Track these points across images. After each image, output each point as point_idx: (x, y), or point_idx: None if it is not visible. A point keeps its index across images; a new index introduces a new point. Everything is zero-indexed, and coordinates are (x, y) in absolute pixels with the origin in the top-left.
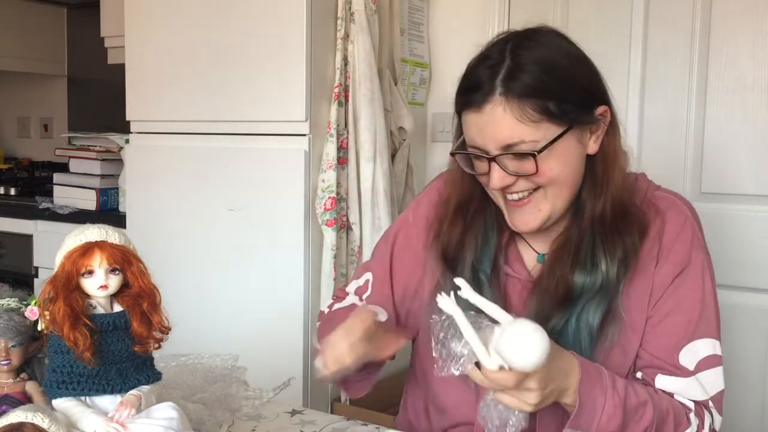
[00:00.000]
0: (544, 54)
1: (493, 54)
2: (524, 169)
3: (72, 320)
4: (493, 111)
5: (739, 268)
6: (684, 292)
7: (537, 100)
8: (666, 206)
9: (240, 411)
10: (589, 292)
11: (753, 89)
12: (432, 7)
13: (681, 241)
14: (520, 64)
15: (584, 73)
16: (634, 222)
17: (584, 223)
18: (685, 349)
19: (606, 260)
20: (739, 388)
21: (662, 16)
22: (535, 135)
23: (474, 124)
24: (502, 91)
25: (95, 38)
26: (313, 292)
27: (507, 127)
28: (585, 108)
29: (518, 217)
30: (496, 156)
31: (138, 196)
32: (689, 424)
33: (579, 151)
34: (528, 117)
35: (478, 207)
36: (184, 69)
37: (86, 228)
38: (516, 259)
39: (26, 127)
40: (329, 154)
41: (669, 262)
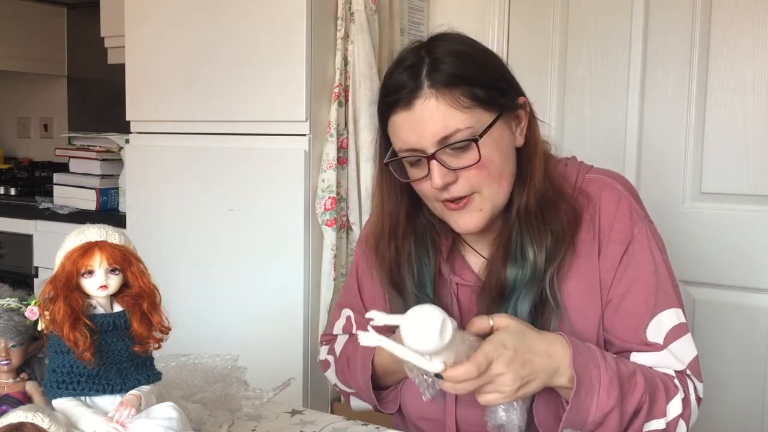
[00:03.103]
0: (457, 48)
1: (408, 57)
2: (465, 161)
3: (72, 320)
4: (425, 104)
5: (739, 268)
6: (635, 270)
7: (465, 87)
8: (597, 188)
9: (240, 411)
10: (520, 285)
11: (753, 89)
12: (432, 7)
13: (619, 218)
14: (438, 59)
15: (499, 64)
16: (561, 208)
17: (512, 217)
18: (650, 325)
19: (534, 250)
20: (739, 388)
21: (662, 17)
22: (469, 122)
23: (406, 123)
24: (430, 84)
25: (95, 38)
26: (313, 292)
27: (441, 117)
28: (508, 95)
29: (461, 219)
30: (435, 152)
31: (138, 196)
32: (677, 390)
33: (510, 141)
34: (460, 103)
35: (406, 228)
36: (184, 69)
37: (86, 228)
38: (463, 267)
39: (26, 127)
40: (329, 154)
41: (612, 242)
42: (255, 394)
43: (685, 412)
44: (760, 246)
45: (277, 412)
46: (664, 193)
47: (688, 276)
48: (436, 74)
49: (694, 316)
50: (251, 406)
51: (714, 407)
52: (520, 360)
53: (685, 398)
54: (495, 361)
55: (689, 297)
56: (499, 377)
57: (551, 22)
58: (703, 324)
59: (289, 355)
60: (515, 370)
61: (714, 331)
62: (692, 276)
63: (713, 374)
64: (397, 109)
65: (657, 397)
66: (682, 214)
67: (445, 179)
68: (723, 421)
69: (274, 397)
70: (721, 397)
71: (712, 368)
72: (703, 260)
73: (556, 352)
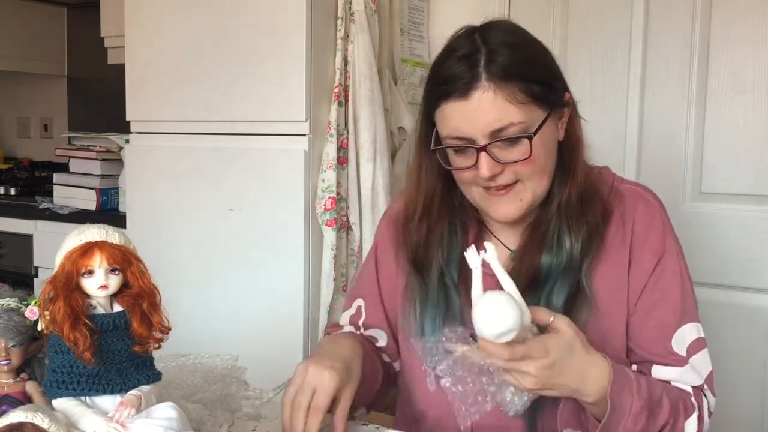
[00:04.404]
0: (511, 39)
1: (462, 46)
2: (514, 155)
3: (72, 320)
4: (482, 96)
5: (739, 268)
6: (666, 281)
7: (521, 83)
8: (633, 197)
9: (240, 411)
10: (555, 272)
11: (753, 89)
12: (432, 7)
13: (654, 228)
14: (495, 50)
15: (550, 58)
16: (597, 204)
17: (551, 209)
18: (674, 336)
19: (570, 239)
20: (739, 388)
21: (662, 17)
22: (523, 117)
23: (459, 112)
24: (488, 76)
25: (95, 38)
26: (313, 292)
27: (497, 110)
28: (558, 92)
29: (501, 207)
30: (486, 145)
31: (138, 196)
32: (694, 408)
33: (555, 136)
34: (517, 99)
35: (440, 208)
36: (184, 69)
37: (86, 228)
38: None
39: (26, 127)
40: (329, 154)
41: (647, 251)
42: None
43: (699, 429)
44: (760, 246)
45: (277, 412)
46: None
47: None
48: (493, 66)
49: None
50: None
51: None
52: (553, 372)
53: (700, 416)
54: (530, 360)
55: None
56: (525, 375)
57: (551, 22)
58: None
59: (289, 355)
60: (543, 378)
61: (714, 331)
62: (692, 276)
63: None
64: (452, 98)
65: (678, 419)
66: (682, 214)
67: (493, 170)
68: (723, 421)
69: (274, 397)
70: (721, 397)
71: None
72: (703, 260)
73: (590, 377)
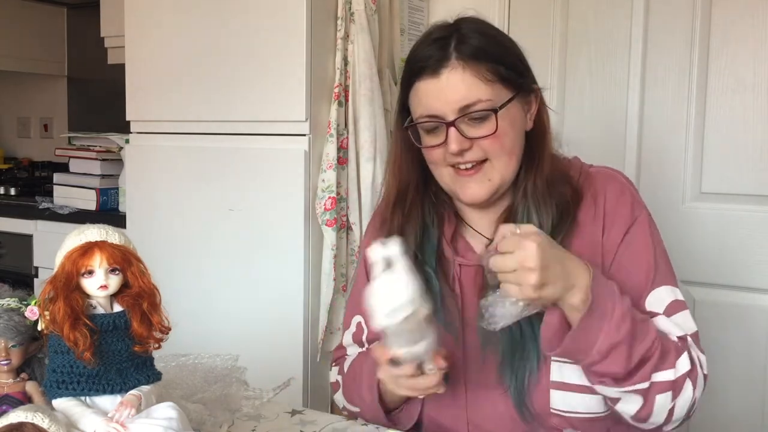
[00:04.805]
0: (483, 28)
1: (436, 32)
2: (482, 131)
3: (72, 320)
4: (451, 73)
5: (739, 268)
6: (635, 247)
7: (489, 63)
8: (603, 177)
9: (240, 411)
10: None
11: (753, 89)
12: (432, 7)
13: (622, 203)
14: (466, 35)
15: (518, 50)
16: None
17: (518, 197)
18: (649, 297)
19: (540, 220)
20: (739, 388)
21: (662, 16)
22: (490, 94)
23: (431, 90)
24: (457, 55)
25: (95, 38)
26: (313, 292)
27: (465, 87)
28: (525, 78)
29: (469, 187)
30: (455, 120)
31: (138, 196)
32: (683, 349)
33: (522, 122)
34: (484, 76)
35: (415, 198)
36: (184, 69)
37: (86, 228)
38: (466, 249)
39: (26, 127)
40: (329, 154)
41: (615, 224)
42: (255, 394)
43: (693, 372)
44: (760, 246)
45: (277, 412)
46: (664, 193)
47: (688, 276)
48: (464, 47)
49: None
50: (251, 406)
51: (714, 407)
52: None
53: (692, 361)
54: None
55: (689, 297)
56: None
57: (551, 22)
58: (703, 324)
59: (289, 355)
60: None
61: (714, 331)
62: (692, 276)
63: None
64: (424, 76)
65: (668, 348)
66: (682, 214)
67: (462, 146)
68: (723, 421)
69: (274, 397)
70: (721, 397)
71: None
72: (703, 260)
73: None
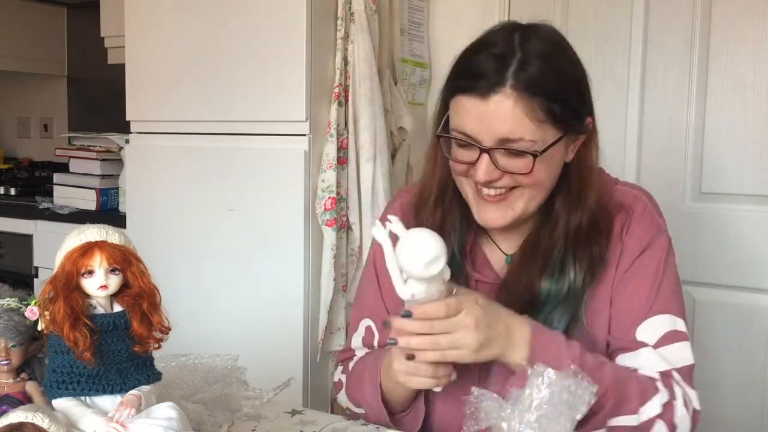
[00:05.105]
0: (550, 51)
1: (499, 42)
2: (516, 167)
3: (72, 320)
4: (502, 102)
5: (739, 268)
6: (642, 272)
7: (544, 100)
8: (629, 201)
9: (240, 411)
10: (554, 300)
11: (753, 89)
12: (432, 7)
13: (642, 226)
14: (529, 59)
15: (582, 79)
16: (603, 230)
17: (557, 232)
18: (642, 325)
19: (575, 269)
20: (739, 388)
21: (662, 16)
22: (535, 135)
23: (473, 111)
24: (513, 83)
25: (95, 38)
26: (313, 292)
27: (513, 122)
28: (580, 117)
29: (488, 212)
30: (490, 149)
31: (138, 196)
32: (657, 391)
33: (562, 156)
34: (536, 116)
35: (453, 196)
36: (184, 69)
37: (86, 228)
38: (483, 263)
39: (26, 127)
40: (329, 154)
41: (629, 247)
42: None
43: (667, 415)
44: (760, 246)
45: (277, 412)
46: (664, 193)
47: (688, 276)
48: (522, 74)
49: (694, 316)
50: (251, 406)
51: (714, 407)
52: (486, 320)
53: (668, 402)
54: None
55: (689, 297)
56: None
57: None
58: (703, 324)
59: (289, 355)
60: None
61: (714, 331)
62: (692, 276)
63: (713, 374)
64: (471, 94)
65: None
66: (682, 214)
67: (491, 176)
68: (723, 421)
69: (274, 397)
70: (721, 397)
71: (712, 368)
72: (703, 260)
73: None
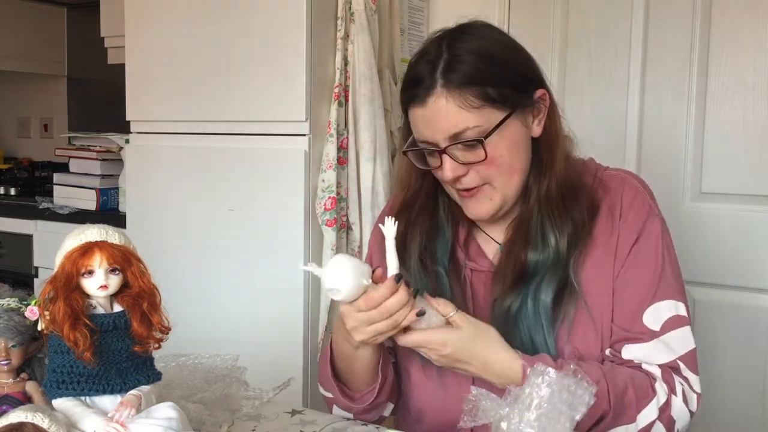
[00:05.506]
0: (478, 44)
1: (430, 49)
2: (474, 157)
3: (72, 320)
4: (437, 102)
5: (739, 268)
6: (641, 259)
7: (476, 88)
8: (618, 183)
9: (240, 411)
10: (542, 270)
11: (753, 89)
12: (432, 7)
13: (634, 210)
14: (456, 56)
15: (519, 59)
16: (581, 198)
17: (531, 203)
18: (647, 311)
19: (555, 236)
20: (739, 388)
21: (662, 17)
22: (478, 121)
23: (420, 118)
24: (443, 83)
25: (95, 38)
26: (313, 293)
27: (450, 116)
28: (523, 92)
29: (472, 206)
30: (446, 147)
31: (138, 196)
32: (654, 394)
33: (524, 134)
34: (469, 104)
35: (424, 204)
36: (184, 69)
37: (86, 228)
38: (478, 254)
39: (26, 127)
40: (329, 154)
41: (626, 231)
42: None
43: (664, 414)
44: (760, 246)
45: (277, 412)
46: (664, 193)
47: (688, 276)
48: (450, 74)
49: (694, 316)
50: (251, 406)
51: (714, 407)
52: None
53: (665, 403)
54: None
55: (689, 297)
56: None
57: (551, 22)
58: (703, 324)
59: (289, 355)
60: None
61: (714, 331)
62: (692, 276)
63: (713, 374)
64: (414, 104)
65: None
66: (682, 214)
67: (456, 172)
68: (723, 421)
69: (274, 397)
70: (721, 397)
71: (712, 368)
72: (703, 260)
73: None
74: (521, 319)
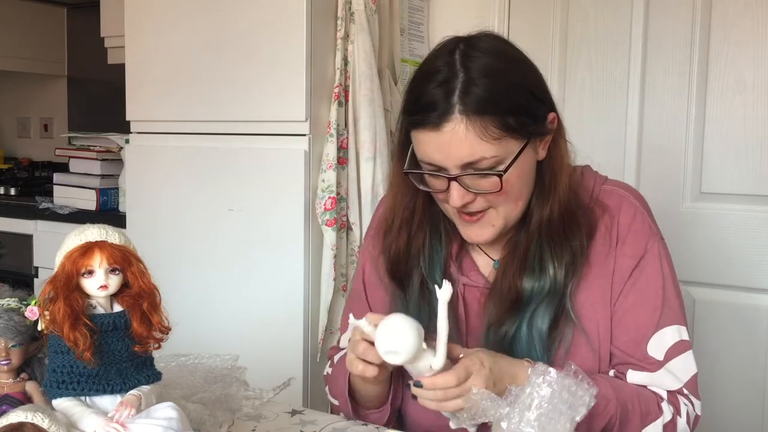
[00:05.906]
0: (492, 63)
1: (441, 68)
2: (486, 186)
3: (72, 320)
4: (454, 129)
5: (739, 268)
6: (644, 283)
7: (496, 116)
8: (616, 202)
9: (240, 411)
10: (538, 297)
11: (753, 89)
12: (432, 7)
13: (634, 232)
14: (473, 78)
15: (532, 79)
16: (581, 224)
17: (531, 228)
18: (652, 340)
19: (554, 265)
20: (739, 388)
21: (662, 17)
22: (496, 151)
23: (431, 142)
24: (461, 108)
25: (95, 38)
26: (313, 293)
27: (468, 146)
28: (540, 119)
29: (472, 231)
30: (458, 176)
31: (138, 196)
32: (660, 412)
33: (533, 161)
34: (490, 134)
35: (421, 219)
36: (184, 69)
37: (86, 228)
38: (471, 268)
39: (26, 127)
40: (329, 154)
41: (625, 255)
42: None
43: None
44: (760, 246)
45: (277, 412)
46: (664, 193)
47: (688, 276)
48: (468, 98)
49: (694, 316)
50: (251, 406)
51: (713, 407)
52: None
53: (670, 422)
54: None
55: (689, 297)
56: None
57: (551, 22)
58: (703, 324)
59: (289, 355)
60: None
61: (714, 331)
62: (692, 276)
63: (713, 374)
64: (425, 127)
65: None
66: (682, 214)
67: (464, 200)
68: (723, 421)
69: (274, 397)
70: (720, 397)
71: (712, 368)
72: (703, 260)
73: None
74: (516, 345)
